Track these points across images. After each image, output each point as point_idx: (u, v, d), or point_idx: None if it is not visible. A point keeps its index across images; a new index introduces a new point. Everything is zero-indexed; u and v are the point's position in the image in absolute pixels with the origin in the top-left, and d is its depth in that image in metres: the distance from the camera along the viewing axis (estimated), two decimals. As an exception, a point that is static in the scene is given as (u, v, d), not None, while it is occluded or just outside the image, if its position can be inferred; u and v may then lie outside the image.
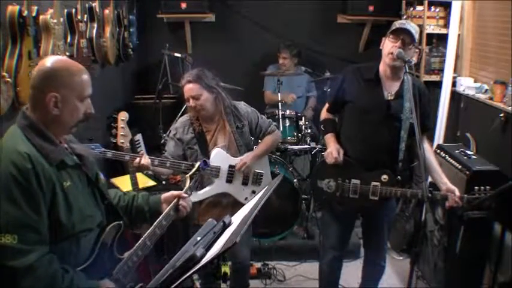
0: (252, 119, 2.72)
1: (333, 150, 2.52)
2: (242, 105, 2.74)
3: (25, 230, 1.38)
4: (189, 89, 2.53)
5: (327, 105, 2.74)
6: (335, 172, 2.55)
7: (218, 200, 2.67)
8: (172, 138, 2.64)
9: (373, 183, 2.47)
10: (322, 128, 2.71)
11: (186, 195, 1.89)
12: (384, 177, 2.47)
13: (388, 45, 2.37)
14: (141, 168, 2.46)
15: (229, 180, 2.64)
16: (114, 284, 1.59)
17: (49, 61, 1.53)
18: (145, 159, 2.39)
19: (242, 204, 2.64)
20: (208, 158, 2.56)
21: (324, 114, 2.74)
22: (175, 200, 1.84)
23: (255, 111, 2.77)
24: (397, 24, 2.37)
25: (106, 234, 1.62)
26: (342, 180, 2.53)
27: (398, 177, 2.47)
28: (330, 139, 2.62)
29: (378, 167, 2.48)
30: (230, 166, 2.62)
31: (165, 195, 1.88)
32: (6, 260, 1.36)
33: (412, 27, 2.37)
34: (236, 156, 2.65)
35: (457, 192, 2.37)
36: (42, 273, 1.40)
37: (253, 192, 2.71)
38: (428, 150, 2.54)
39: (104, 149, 2.37)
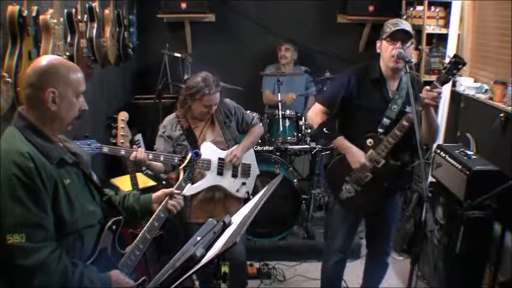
0: (238, 115, 2.82)
1: (361, 158, 2.45)
2: (228, 102, 2.82)
3: (32, 228, 1.40)
4: (216, 97, 2.61)
5: (318, 106, 2.63)
6: (341, 176, 2.57)
7: (209, 197, 2.72)
8: (162, 136, 2.68)
9: (368, 153, 2.48)
10: (326, 131, 2.56)
11: (177, 191, 1.91)
12: (369, 141, 2.50)
13: (389, 48, 2.39)
14: (138, 162, 2.49)
15: (220, 172, 2.70)
16: (123, 275, 1.62)
17: (44, 59, 1.55)
18: (141, 153, 2.44)
19: (233, 199, 2.73)
20: None
21: (318, 115, 2.60)
22: (166, 199, 1.87)
23: (240, 107, 2.87)
24: (392, 26, 2.38)
25: (107, 229, 1.64)
26: (350, 176, 2.54)
27: (380, 130, 2.48)
28: (345, 143, 2.51)
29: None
30: (220, 159, 2.69)
31: (155, 194, 1.91)
32: (17, 260, 1.38)
33: (405, 24, 2.40)
34: (225, 150, 2.71)
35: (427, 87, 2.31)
36: (54, 269, 1.42)
37: (244, 184, 2.78)
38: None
39: (99, 144, 2.37)
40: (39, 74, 1.50)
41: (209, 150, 2.66)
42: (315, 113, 2.63)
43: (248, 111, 2.95)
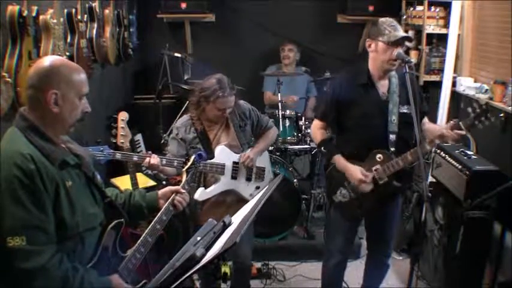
0: (253, 118, 2.77)
1: (358, 175, 2.45)
2: (243, 104, 2.76)
3: (33, 231, 1.38)
4: (230, 101, 2.56)
5: (317, 122, 2.64)
6: (339, 180, 2.56)
7: (221, 200, 2.68)
8: (175, 138, 2.63)
9: (374, 168, 2.47)
10: (324, 150, 2.60)
11: (183, 190, 1.91)
12: (379, 156, 2.48)
13: (387, 52, 2.35)
14: (151, 168, 2.46)
15: (234, 176, 2.66)
16: (122, 280, 1.61)
17: (47, 60, 1.53)
18: (155, 159, 2.40)
19: (245, 203, 2.66)
20: (213, 156, 2.58)
21: (318, 133, 2.62)
22: (173, 195, 1.86)
23: (255, 110, 2.82)
24: (391, 29, 2.33)
25: (108, 232, 1.63)
26: (348, 183, 2.53)
27: (392, 149, 2.47)
28: (342, 162, 2.52)
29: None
30: (234, 163, 2.64)
31: (162, 190, 1.90)
32: (18, 263, 1.37)
33: (399, 26, 2.39)
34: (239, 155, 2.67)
35: (452, 122, 2.32)
36: (54, 272, 1.41)
37: (257, 187, 2.74)
38: (424, 122, 2.57)
39: (112, 150, 2.36)
40: (41, 75, 1.49)
41: (223, 154, 2.61)
42: (315, 130, 2.65)
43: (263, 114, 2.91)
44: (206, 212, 2.64)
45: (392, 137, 2.47)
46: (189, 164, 2.06)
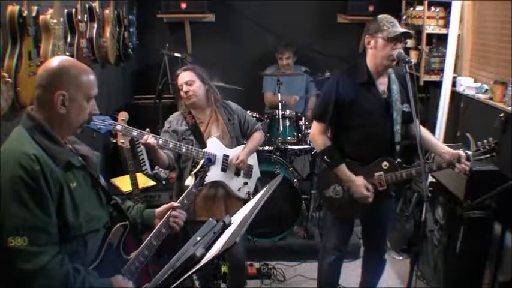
0: (240, 115, 2.90)
1: (362, 191, 2.44)
2: (230, 102, 2.91)
3: (35, 232, 1.38)
4: (184, 75, 2.71)
5: (318, 126, 2.55)
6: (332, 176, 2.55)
7: (211, 194, 2.74)
8: (167, 131, 2.71)
9: (376, 173, 2.47)
10: (328, 159, 2.51)
11: (178, 204, 1.87)
12: (385, 164, 2.48)
13: (387, 48, 2.34)
14: (147, 146, 2.49)
15: (224, 169, 2.73)
16: (125, 280, 1.59)
17: (56, 60, 1.52)
18: (151, 139, 2.44)
19: (235, 199, 2.76)
20: (205, 147, 2.67)
21: (320, 138, 2.54)
22: (168, 214, 1.82)
23: (243, 109, 2.95)
24: (390, 26, 2.34)
25: (112, 234, 1.62)
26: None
27: (398, 159, 2.48)
28: (346, 173, 2.47)
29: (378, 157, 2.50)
30: (225, 155, 2.73)
31: (158, 210, 1.87)
32: (18, 263, 1.36)
33: (397, 23, 2.39)
34: (229, 147, 2.76)
35: (462, 153, 2.37)
36: (55, 274, 1.40)
37: (245, 183, 2.83)
38: (423, 130, 2.56)
39: (113, 121, 2.38)
40: (49, 76, 1.48)
41: (215, 146, 2.70)
42: (316, 135, 2.56)
43: (248, 111, 2.99)
44: (199, 207, 2.71)
45: (398, 147, 2.48)
46: (198, 167, 2.04)
